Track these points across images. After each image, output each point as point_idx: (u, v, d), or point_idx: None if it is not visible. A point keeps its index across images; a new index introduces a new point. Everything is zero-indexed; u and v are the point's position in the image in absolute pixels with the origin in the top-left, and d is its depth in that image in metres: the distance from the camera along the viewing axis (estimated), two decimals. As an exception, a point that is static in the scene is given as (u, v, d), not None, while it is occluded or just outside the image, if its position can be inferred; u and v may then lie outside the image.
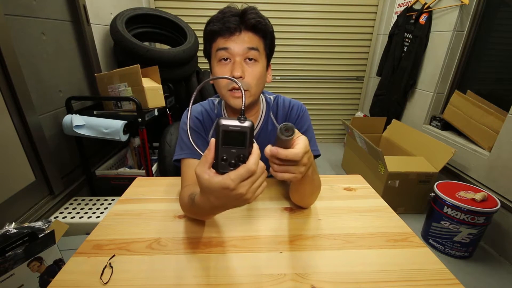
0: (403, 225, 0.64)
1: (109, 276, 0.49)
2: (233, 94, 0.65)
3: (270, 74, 0.74)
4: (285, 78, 2.82)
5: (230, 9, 0.63)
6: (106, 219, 0.65)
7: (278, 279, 0.49)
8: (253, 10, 0.63)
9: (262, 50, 0.66)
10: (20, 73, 1.11)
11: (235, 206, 0.44)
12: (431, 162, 1.75)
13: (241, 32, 0.62)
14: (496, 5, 1.73)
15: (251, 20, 0.61)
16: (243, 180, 0.38)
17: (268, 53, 0.69)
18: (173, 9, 2.48)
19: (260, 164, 0.39)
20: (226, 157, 0.38)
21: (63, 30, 1.44)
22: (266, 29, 0.65)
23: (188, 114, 0.50)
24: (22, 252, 0.78)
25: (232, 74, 0.62)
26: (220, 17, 0.63)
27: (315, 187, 0.63)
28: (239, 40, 0.62)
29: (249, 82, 0.64)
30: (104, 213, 1.31)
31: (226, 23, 0.61)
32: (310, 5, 2.56)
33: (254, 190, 0.40)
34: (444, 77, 1.99)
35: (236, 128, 0.37)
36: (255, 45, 0.63)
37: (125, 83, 1.43)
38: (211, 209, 0.46)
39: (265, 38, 0.66)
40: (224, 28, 0.62)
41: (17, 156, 1.14)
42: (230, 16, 0.62)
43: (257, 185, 0.40)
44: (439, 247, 1.50)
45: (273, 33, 0.68)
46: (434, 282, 0.49)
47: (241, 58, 0.63)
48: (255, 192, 0.41)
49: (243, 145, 0.37)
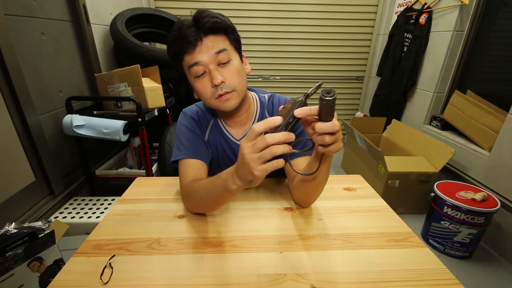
0: (403, 225, 0.64)
1: (109, 276, 0.49)
2: (221, 99, 0.64)
3: (247, 64, 0.72)
4: (285, 78, 2.82)
5: (182, 23, 0.62)
6: (106, 219, 0.65)
7: (278, 279, 0.49)
8: (204, 14, 0.61)
9: (230, 47, 0.65)
10: (20, 73, 1.11)
11: (245, 179, 0.45)
12: (431, 162, 1.75)
13: (202, 39, 0.61)
14: (496, 5, 1.72)
15: (207, 24, 0.60)
16: (249, 141, 0.42)
17: (236, 46, 0.67)
18: (173, 9, 2.48)
19: (265, 135, 0.41)
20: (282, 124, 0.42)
21: (63, 30, 1.44)
22: (225, 25, 0.63)
23: None
24: (22, 252, 0.78)
25: (213, 83, 0.62)
26: (177, 35, 0.61)
27: (327, 174, 0.61)
28: (204, 49, 0.61)
29: (232, 83, 0.64)
30: (104, 213, 1.31)
31: (185, 38, 0.60)
32: (310, 5, 2.56)
33: (255, 159, 0.42)
34: (444, 77, 1.99)
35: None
36: (221, 46, 0.62)
37: (125, 83, 1.43)
38: (227, 183, 0.49)
39: (227, 34, 0.65)
40: (186, 44, 0.61)
41: (17, 156, 1.14)
42: (185, 30, 0.60)
43: (258, 155, 0.41)
44: (439, 247, 1.50)
45: (233, 26, 0.66)
46: (434, 282, 0.49)
47: (214, 64, 0.62)
48: (255, 161, 0.42)
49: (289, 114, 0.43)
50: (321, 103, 0.42)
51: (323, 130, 0.43)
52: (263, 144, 0.41)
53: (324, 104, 0.42)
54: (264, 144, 0.41)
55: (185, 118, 0.76)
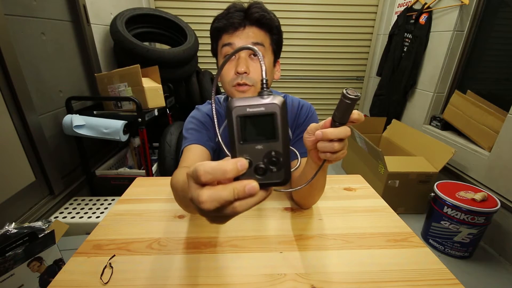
0: (403, 225, 0.64)
1: (109, 276, 0.49)
2: (237, 89, 0.64)
3: (279, 70, 0.73)
4: (285, 78, 2.83)
5: (234, 5, 0.64)
6: (106, 219, 0.65)
7: (278, 279, 0.49)
8: (257, 5, 0.63)
9: (268, 46, 0.65)
10: (20, 73, 1.11)
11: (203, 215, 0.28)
12: (431, 162, 1.75)
13: (245, 27, 0.62)
14: (496, 5, 1.73)
15: (255, 15, 0.61)
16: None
17: (275, 49, 0.68)
18: (173, 9, 2.48)
19: (234, 166, 0.24)
20: (250, 159, 0.26)
21: (63, 30, 1.44)
22: (271, 24, 0.64)
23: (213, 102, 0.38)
24: (22, 252, 0.78)
25: (236, 70, 0.62)
26: (224, 14, 0.63)
27: (325, 182, 0.61)
28: (244, 36, 0.62)
29: (254, 78, 0.64)
30: (104, 213, 1.31)
31: (230, 19, 0.62)
32: (310, 5, 2.56)
33: (212, 199, 0.24)
34: (444, 77, 1.99)
35: (259, 110, 0.25)
36: (260, 40, 0.63)
37: (125, 83, 1.43)
38: None
39: (271, 33, 0.66)
40: (228, 24, 0.62)
41: (17, 156, 1.14)
42: (234, 12, 0.62)
43: (219, 194, 0.24)
44: (439, 247, 1.50)
45: (280, 28, 0.67)
46: (434, 282, 0.49)
47: (246, 53, 0.63)
48: (214, 202, 0.24)
49: (273, 137, 0.26)
50: (343, 102, 0.36)
51: (335, 136, 0.39)
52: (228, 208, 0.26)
53: (348, 104, 0.36)
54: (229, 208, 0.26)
55: (199, 112, 0.76)
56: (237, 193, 0.24)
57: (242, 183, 0.24)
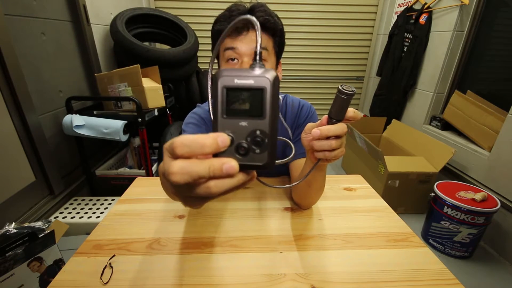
0: (403, 225, 0.64)
1: (109, 276, 0.49)
2: None
3: (280, 72, 0.73)
4: (285, 78, 2.83)
5: (237, 7, 0.62)
6: (106, 219, 0.65)
7: (278, 279, 0.49)
8: (261, 8, 0.61)
9: (271, 49, 0.65)
10: (20, 73, 1.11)
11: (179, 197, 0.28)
12: (431, 162, 1.75)
13: (249, 31, 0.61)
14: (496, 5, 1.73)
15: (259, 19, 0.60)
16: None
17: (277, 51, 0.68)
18: (173, 9, 2.48)
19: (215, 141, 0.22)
20: (232, 136, 0.24)
21: (63, 30, 1.44)
22: (275, 27, 0.63)
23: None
24: (22, 252, 0.78)
25: None
26: (227, 16, 0.62)
27: (324, 182, 0.61)
28: (247, 40, 0.61)
29: None
30: (104, 213, 1.31)
31: None
32: (310, 5, 2.56)
33: (185, 171, 0.21)
34: (444, 77, 1.99)
35: (247, 82, 0.23)
36: (263, 44, 0.62)
37: (125, 83, 1.43)
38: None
39: (274, 36, 0.65)
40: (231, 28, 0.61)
41: (17, 156, 1.14)
42: (237, 15, 0.61)
43: (194, 167, 0.21)
44: (439, 247, 1.50)
45: (283, 30, 0.67)
46: (434, 282, 0.49)
47: (249, 58, 0.62)
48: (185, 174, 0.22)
49: (260, 114, 0.23)
50: (339, 98, 0.37)
51: (332, 133, 0.38)
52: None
53: (343, 99, 0.36)
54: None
55: (200, 109, 0.76)
56: (213, 170, 0.22)
57: (220, 160, 0.22)
